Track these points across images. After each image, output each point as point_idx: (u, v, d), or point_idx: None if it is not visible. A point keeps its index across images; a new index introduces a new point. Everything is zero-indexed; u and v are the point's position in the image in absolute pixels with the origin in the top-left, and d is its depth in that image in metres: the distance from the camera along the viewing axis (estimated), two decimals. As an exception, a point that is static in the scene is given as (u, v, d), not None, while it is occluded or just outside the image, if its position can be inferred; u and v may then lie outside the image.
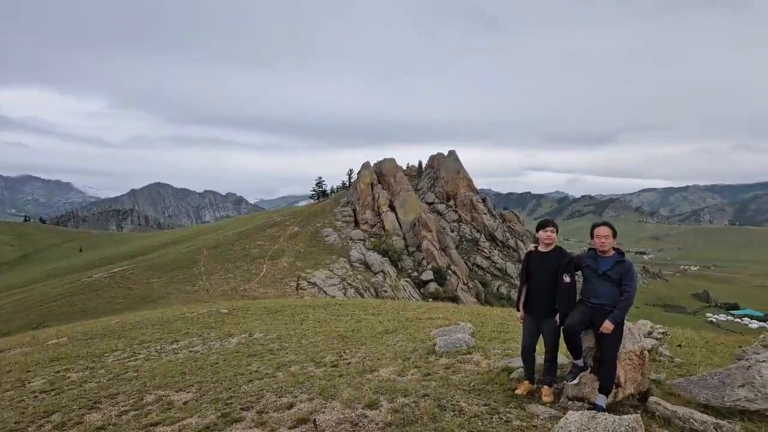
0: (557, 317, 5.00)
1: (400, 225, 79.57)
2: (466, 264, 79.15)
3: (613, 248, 4.82)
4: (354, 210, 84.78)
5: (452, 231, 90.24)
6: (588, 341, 4.94)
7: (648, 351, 7.10)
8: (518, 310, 5.39)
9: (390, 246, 73.22)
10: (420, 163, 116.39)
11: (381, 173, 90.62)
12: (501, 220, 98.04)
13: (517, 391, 5.20)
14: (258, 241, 72.69)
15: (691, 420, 4.27)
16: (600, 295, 4.76)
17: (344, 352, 8.21)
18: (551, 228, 5.10)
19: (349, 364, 7.36)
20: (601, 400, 4.62)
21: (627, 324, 5.02)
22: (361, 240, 74.90)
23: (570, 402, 4.77)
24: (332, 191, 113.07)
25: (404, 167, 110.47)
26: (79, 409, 6.17)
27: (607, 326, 4.62)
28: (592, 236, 4.86)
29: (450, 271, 71.51)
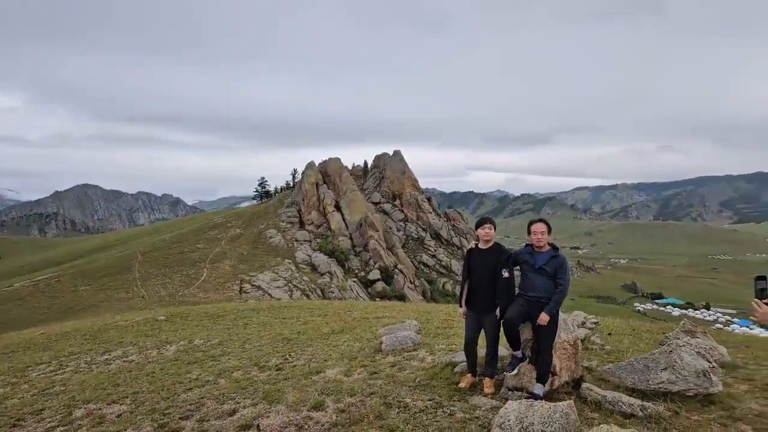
0: (497, 311, 5.15)
1: (346, 225, 79.39)
2: (412, 262, 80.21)
3: (549, 244, 5.04)
4: (299, 211, 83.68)
5: (398, 230, 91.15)
6: (526, 333, 5.15)
7: (581, 340, 7.50)
8: (460, 306, 5.52)
9: (336, 246, 72.91)
10: (365, 163, 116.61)
11: (326, 173, 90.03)
12: (446, 219, 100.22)
13: (460, 385, 5.33)
14: (197, 244, 70.02)
15: (620, 403, 4.54)
16: (537, 289, 4.95)
17: (289, 354, 8.08)
18: (489, 225, 5.25)
19: (294, 366, 7.25)
20: (539, 389, 4.82)
21: (561, 315, 5.27)
22: (306, 241, 74.05)
23: (510, 392, 4.95)
24: (276, 192, 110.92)
25: (350, 167, 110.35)
26: (0, 428, 5.68)
27: (543, 318, 4.82)
28: (529, 233, 5.05)
29: (397, 270, 72.21)
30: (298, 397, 5.47)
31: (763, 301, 2.54)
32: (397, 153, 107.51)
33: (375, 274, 69.01)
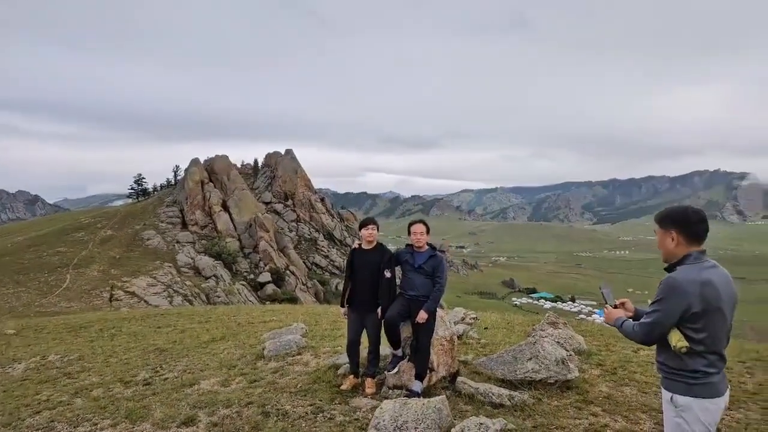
0: (379, 311, 5.19)
1: (234, 226, 75.88)
2: (305, 263, 79.10)
3: (427, 244, 5.18)
4: (181, 210, 78.13)
5: (291, 231, 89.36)
6: (406, 332, 5.25)
7: (459, 336, 7.90)
8: (342, 305, 5.48)
9: (223, 248, 69.32)
10: (256, 162, 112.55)
11: (213, 171, 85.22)
12: (339, 219, 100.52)
13: (342, 387, 5.28)
14: (59, 248, 62.05)
15: (490, 394, 4.81)
16: (416, 288, 5.06)
17: (161, 366, 7.40)
18: (372, 226, 5.27)
19: (165, 379, 6.65)
20: (417, 386, 4.93)
21: (439, 312, 5.45)
22: (190, 243, 69.39)
23: (390, 391, 5.00)
24: (155, 190, 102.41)
25: (239, 165, 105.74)
26: None
27: (422, 315, 4.93)
28: (409, 233, 5.15)
29: (289, 272, 70.69)
30: (166, 413, 5.00)
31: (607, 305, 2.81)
32: (289, 152, 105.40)
33: (265, 277, 66.87)
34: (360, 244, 5.37)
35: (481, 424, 3.75)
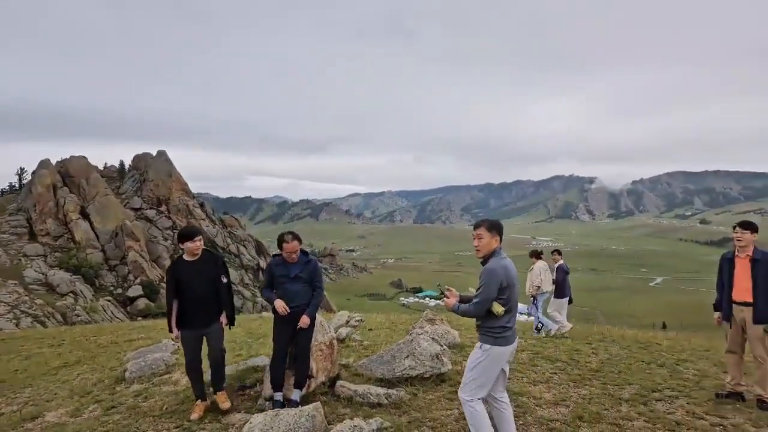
0: (223, 318, 4.92)
1: (97, 235, 68.01)
2: (182, 274, 73.55)
3: (300, 249, 4.98)
4: (29, 219, 67.96)
5: (165, 239, 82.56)
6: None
7: (342, 339, 7.90)
8: (171, 330, 4.81)
9: (83, 261, 61.72)
10: (122, 164, 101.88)
11: (68, 174, 75.48)
12: (221, 226, 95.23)
13: (192, 417, 4.69)
14: None
15: (369, 395, 4.85)
16: (296, 298, 4.86)
17: (-5, 401, 6.31)
18: (199, 238, 4.85)
19: (1, 415, 5.69)
20: (296, 394, 4.79)
21: (318, 318, 5.37)
22: (40, 256, 60.68)
23: (267, 402, 4.79)
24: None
25: (101, 167, 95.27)
26: None
27: (305, 321, 4.79)
28: (280, 248, 4.87)
29: (163, 285, 65.19)
30: (-3, 456, 4.25)
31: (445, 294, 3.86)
32: (162, 153, 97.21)
33: (136, 290, 60.91)
34: (182, 256, 4.90)
35: (355, 426, 3.75)
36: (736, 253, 5.18)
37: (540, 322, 9.55)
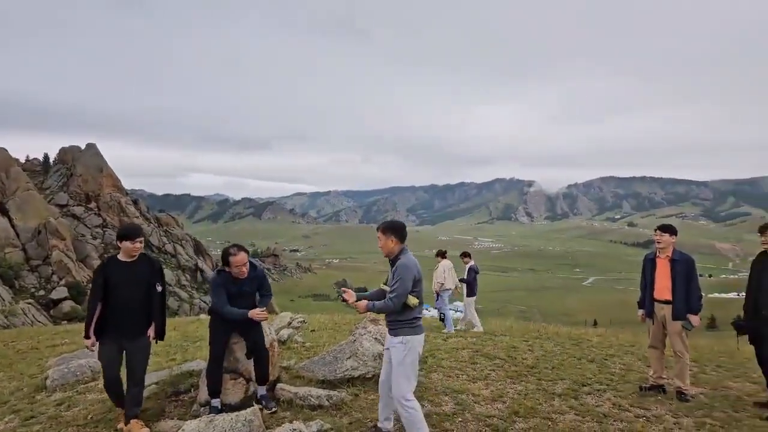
0: (151, 332, 4.47)
1: (17, 233, 62.92)
2: (114, 275, 69.46)
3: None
4: (-62, 215, 61.99)
5: (95, 238, 77.70)
6: (238, 351, 4.84)
7: (284, 341, 7.74)
8: (88, 336, 4.28)
9: (2, 261, 56.95)
10: (46, 157, 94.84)
11: (-14, 166, 69.55)
12: (157, 224, 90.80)
13: (119, 426, 4.32)
14: None
15: (309, 397, 4.76)
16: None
17: None
18: (140, 239, 4.42)
19: None
20: (262, 390, 4.75)
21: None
22: (-49, 255, 55.43)
23: (202, 408, 4.59)
24: None
25: (23, 160, 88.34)
26: None
27: (257, 313, 4.48)
28: (226, 263, 4.53)
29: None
30: None
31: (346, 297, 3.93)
32: (91, 147, 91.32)
33: (61, 292, 56.87)
34: (115, 256, 4.48)
35: (295, 429, 3.67)
36: (657, 254, 5.56)
37: (442, 312, 10.27)
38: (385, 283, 4.03)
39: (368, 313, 3.88)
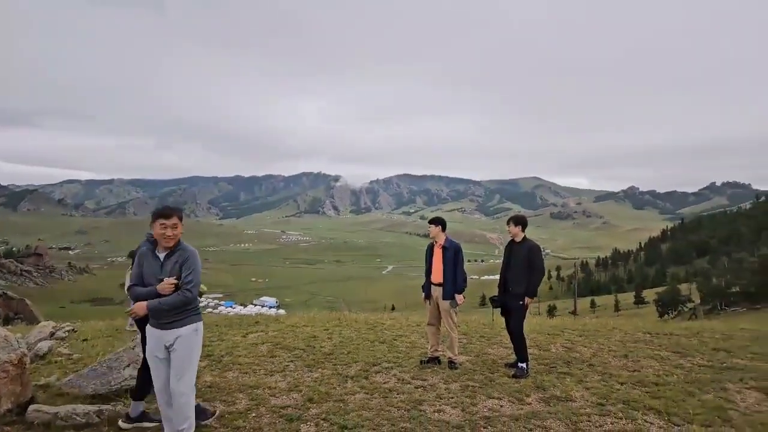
0: None
1: None
2: None
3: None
4: None
5: None
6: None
7: (41, 355, 6.49)
8: None
9: None
10: None
11: None
12: None
13: None
14: None
15: (74, 416, 4.06)
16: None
17: None
18: None
19: None
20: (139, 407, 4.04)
21: (2, 333, 4.24)
22: None
23: None
24: None
25: None
26: None
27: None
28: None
29: None
30: None
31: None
32: None
33: None
34: None
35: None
36: (434, 242, 6.38)
37: None
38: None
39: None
